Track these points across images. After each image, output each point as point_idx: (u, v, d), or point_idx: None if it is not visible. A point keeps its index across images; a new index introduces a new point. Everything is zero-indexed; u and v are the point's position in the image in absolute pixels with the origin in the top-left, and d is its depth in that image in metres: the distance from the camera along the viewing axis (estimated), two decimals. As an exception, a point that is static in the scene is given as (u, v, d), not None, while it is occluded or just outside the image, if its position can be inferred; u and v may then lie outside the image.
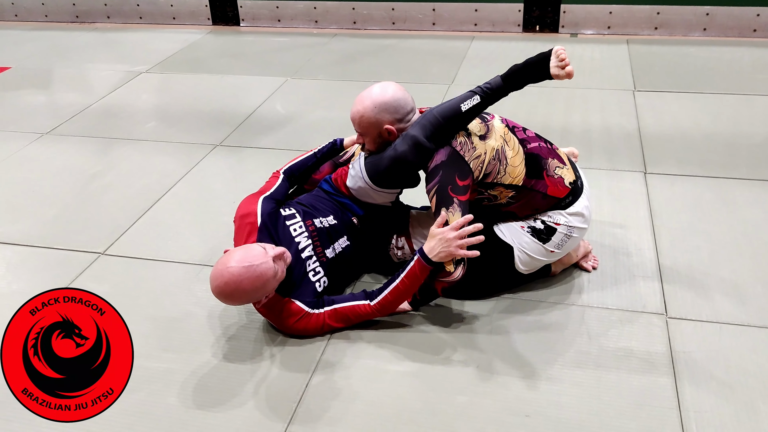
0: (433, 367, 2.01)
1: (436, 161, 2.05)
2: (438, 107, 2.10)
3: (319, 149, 2.49)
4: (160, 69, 4.74)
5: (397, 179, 2.20)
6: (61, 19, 6.04)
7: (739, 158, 3.11)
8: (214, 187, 3.12)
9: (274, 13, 5.57)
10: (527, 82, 2.06)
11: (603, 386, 1.90)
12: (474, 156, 2.05)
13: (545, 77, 2.05)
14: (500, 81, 2.05)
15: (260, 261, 1.93)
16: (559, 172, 2.16)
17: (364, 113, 2.10)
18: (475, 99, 2.06)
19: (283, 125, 3.72)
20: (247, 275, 1.91)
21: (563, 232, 2.15)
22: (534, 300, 2.26)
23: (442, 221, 1.98)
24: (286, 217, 2.21)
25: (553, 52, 2.04)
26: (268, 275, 1.94)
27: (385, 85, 2.14)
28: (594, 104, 3.77)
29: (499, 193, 2.12)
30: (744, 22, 4.73)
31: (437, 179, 2.02)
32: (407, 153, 2.06)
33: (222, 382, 1.99)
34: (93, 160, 3.44)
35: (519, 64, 2.06)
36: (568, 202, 2.16)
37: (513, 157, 2.10)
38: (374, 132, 2.13)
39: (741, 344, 2.03)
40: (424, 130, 2.06)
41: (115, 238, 2.73)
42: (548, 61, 2.03)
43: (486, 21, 5.16)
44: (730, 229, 2.58)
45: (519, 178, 2.10)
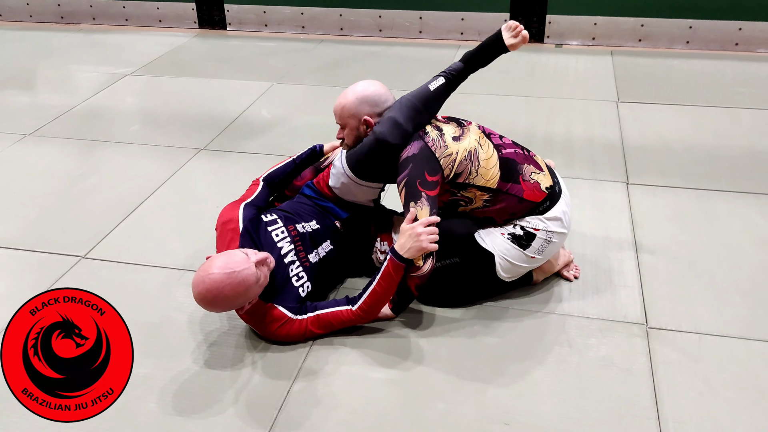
0: (414, 374, 2.01)
1: (407, 153, 2.10)
2: (409, 93, 2.22)
3: (298, 155, 2.51)
4: (145, 72, 4.72)
5: (377, 166, 2.20)
6: (46, 20, 6.00)
7: (720, 170, 3.14)
8: (198, 191, 3.11)
9: (261, 18, 5.56)
10: (486, 60, 2.26)
11: (583, 395, 1.91)
12: (445, 154, 2.10)
13: (502, 51, 2.23)
14: (461, 64, 2.25)
15: (242, 267, 1.92)
16: (535, 177, 2.19)
17: (346, 104, 2.19)
18: (440, 80, 2.22)
19: (269, 130, 3.72)
20: (228, 281, 1.90)
21: (543, 238, 2.17)
22: (515, 308, 2.27)
23: (411, 217, 2.02)
24: (268, 222, 2.21)
25: (503, 28, 2.22)
26: (250, 281, 1.93)
27: (370, 81, 2.25)
28: (577, 114, 3.80)
29: (473, 195, 2.14)
30: (726, 36, 4.80)
31: (407, 172, 2.06)
32: (386, 133, 2.11)
33: (203, 388, 1.97)
34: (76, 162, 3.42)
35: (474, 48, 2.26)
36: (546, 207, 2.18)
37: (486, 159, 2.14)
38: (353, 123, 2.20)
39: (720, 354, 2.05)
40: (401, 111, 2.15)
41: (96, 241, 2.70)
42: (501, 38, 2.21)
43: (472, 30, 5.19)
44: (710, 240, 2.60)
45: (493, 180, 2.12)
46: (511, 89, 4.15)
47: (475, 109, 3.81)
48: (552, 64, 4.63)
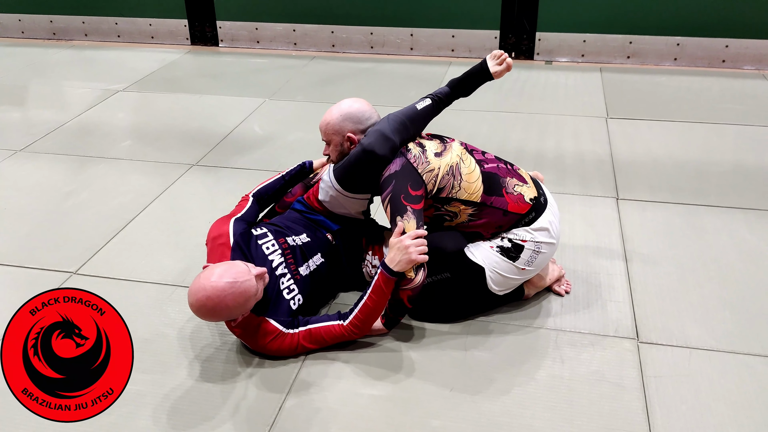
0: (406, 390, 2.01)
1: (389, 171, 2.13)
2: (397, 111, 2.26)
3: (287, 171, 2.53)
4: (137, 88, 4.73)
5: (363, 177, 2.22)
6: (38, 36, 6.01)
7: (708, 185, 3.18)
8: (190, 207, 3.11)
9: (253, 35, 5.59)
10: (471, 87, 2.33)
11: (575, 410, 1.92)
12: (427, 169, 2.13)
13: (487, 79, 2.31)
14: (448, 89, 2.31)
15: (245, 278, 1.93)
16: (519, 189, 2.21)
17: (330, 121, 2.25)
18: (427, 101, 2.29)
19: (261, 146, 3.73)
20: (231, 291, 1.90)
21: (531, 248, 2.18)
22: (507, 323, 2.27)
23: (399, 231, 2.04)
24: (258, 236, 2.22)
25: (488, 57, 2.30)
26: (250, 293, 1.94)
27: (354, 99, 2.30)
28: (567, 130, 3.84)
29: (457, 209, 2.16)
30: (713, 53, 4.86)
31: (390, 188, 2.09)
32: (374, 144, 2.14)
33: (194, 404, 1.96)
34: (67, 178, 3.41)
35: (461, 75, 2.31)
36: (532, 218, 2.20)
37: (468, 173, 2.16)
38: (337, 139, 2.25)
39: (710, 369, 2.06)
40: (389, 124, 2.19)
41: (87, 257, 2.69)
42: (486, 66, 2.28)
43: (463, 47, 5.24)
44: (699, 255, 2.63)
45: (476, 194, 2.15)
46: (502, 106, 4.19)
47: (467, 125, 3.84)
48: (542, 81, 4.68)
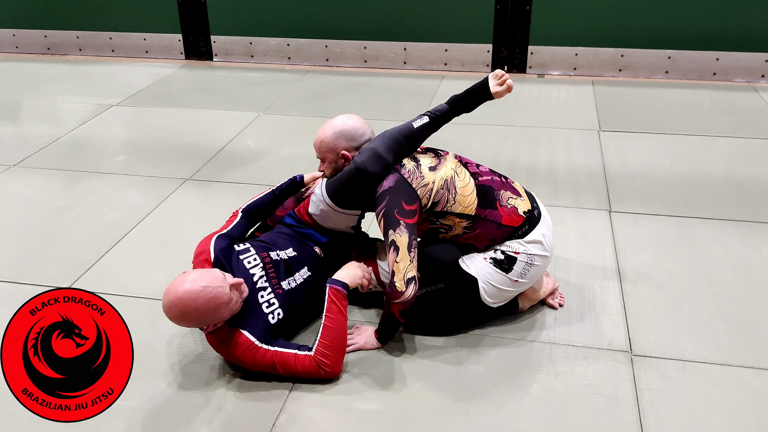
0: (400, 405, 2.00)
1: (384, 186, 2.13)
2: (392, 127, 2.25)
3: (278, 186, 2.53)
4: (131, 102, 4.74)
5: (355, 194, 2.22)
6: (33, 51, 6.02)
7: (700, 198, 3.19)
8: (183, 222, 3.11)
9: (247, 49, 5.62)
10: (471, 106, 2.29)
11: (569, 423, 1.92)
12: (422, 184, 2.14)
13: (487, 98, 2.28)
14: (447, 107, 2.27)
15: (216, 284, 1.94)
16: (512, 202, 2.22)
17: (324, 138, 2.25)
18: (424, 119, 2.25)
19: (255, 160, 3.73)
20: (202, 295, 1.91)
21: (524, 261, 2.19)
22: (501, 336, 2.27)
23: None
24: (240, 251, 2.24)
25: (490, 76, 2.27)
26: (221, 300, 1.95)
27: (348, 115, 2.30)
28: (560, 143, 3.86)
29: (452, 222, 2.17)
30: (704, 66, 4.90)
31: (384, 203, 2.10)
32: (366, 163, 2.14)
33: (186, 420, 1.96)
34: (61, 193, 3.41)
35: (462, 92, 2.28)
36: (525, 231, 2.21)
37: (463, 187, 2.17)
38: (332, 156, 2.25)
39: (704, 382, 2.07)
40: (383, 142, 2.19)
41: (80, 272, 2.69)
42: (487, 85, 2.25)
43: (456, 61, 5.27)
44: (691, 268, 2.64)
45: (471, 207, 2.16)
46: (495, 119, 4.21)
47: (460, 139, 3.85)
48: (534, 94, 4.71)
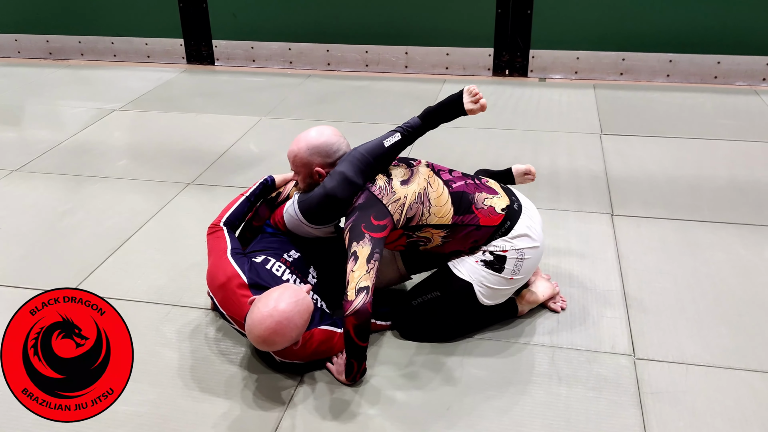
0: (403, 409, 2.00)
1: (354, 205, 2.12)
2: (363, 145, 2.21)
3: (251, 191, 2.43)
4: (133, 107, 4.75)
5: (328, 215, 2.23)
6: (34, 56, 6.03)
7: (702, 201, 3.19)
8: (186, 226, 3.11)
9: (248, 53, 5.63)
10: (443, 121, 2.22)
11: (573, 427, 1.91)
12: (393, 200, 2.12)
13: (460, 114, 2.21)
14: (418, 121, 2.21)
15: (302, 295, 1.95)
16: (489, 202, 2.21)
17: (298, 153, 2.22)
18: (396, 136, 2.19)
19: (257, 164, 3.74)
20: (297, 309, 1.90)
21: (514, 257, 2.17)
22: (503, 340, 2.27)
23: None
24: (262, 263, 2.20)
25: (464, 91, 2.20)
26: (311, 307, 1.97)
27: (322, 129, 2.25)
28: (562, 147, 3.86)
29: (429, 234, 2.16)
30: (705, 69, 4.91)
31: (352, 219, 2.09)
32: (336, 189, 2.13)
33: (191, 425, 1.95)
34: (63, 197, 3.41)
35: (434, 105, 2.22)
36: (508, 227, 2.19)
37: (437, 197, 2.16)
38: (305, 171, 2.23)
39: (707, 385, 2.06)
40: (352, 166, 2.15)
41: (83, 277, 2.69)
42: (461, 99, 2.18)
43: (457, 65, 5.27)
44: (694, 271, 2.63)
45: (447, 217, 2.15)
46: (496, 123, 4.21)
47: (460, 143, 3.86)
48: (536, 98, 4.71)
